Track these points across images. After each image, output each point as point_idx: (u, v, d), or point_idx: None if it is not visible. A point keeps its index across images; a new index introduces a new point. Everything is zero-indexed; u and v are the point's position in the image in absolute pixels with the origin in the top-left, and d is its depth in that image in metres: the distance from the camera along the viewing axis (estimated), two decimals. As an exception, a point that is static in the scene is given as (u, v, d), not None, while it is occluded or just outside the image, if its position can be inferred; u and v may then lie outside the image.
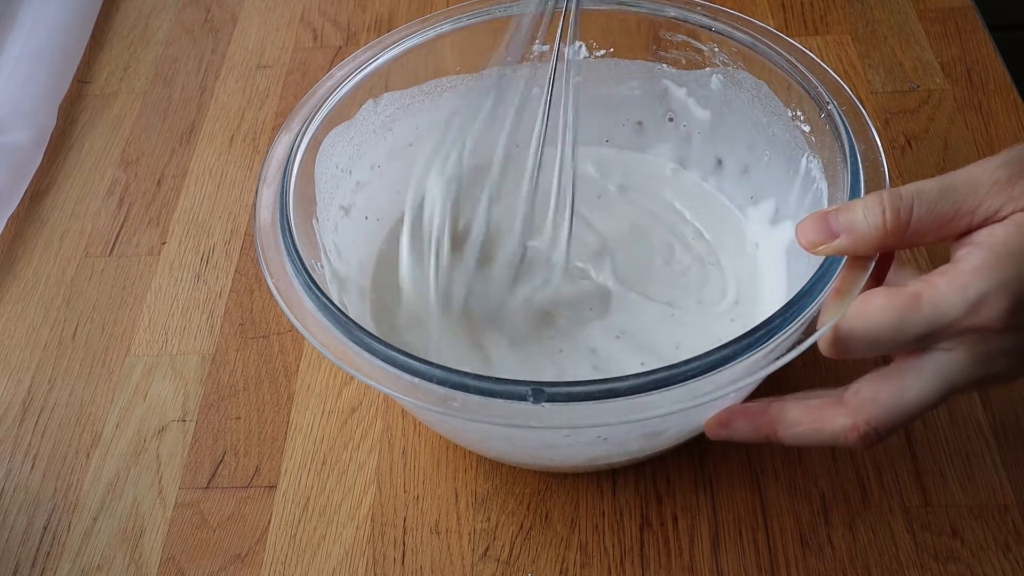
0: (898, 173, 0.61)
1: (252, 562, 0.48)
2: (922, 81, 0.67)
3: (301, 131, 0.49)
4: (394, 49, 0.52)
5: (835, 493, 0.48)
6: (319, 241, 0.49)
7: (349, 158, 0.53)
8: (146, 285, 0.60)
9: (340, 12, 0.78)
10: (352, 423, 0.53)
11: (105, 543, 0.49)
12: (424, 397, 0.38)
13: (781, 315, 0.38)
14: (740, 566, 0.46)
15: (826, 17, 0.72)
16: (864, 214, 0.38)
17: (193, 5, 0.80)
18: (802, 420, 0.39)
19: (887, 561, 0.45)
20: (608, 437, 0.44)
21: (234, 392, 0.55)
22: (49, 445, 0.53)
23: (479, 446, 0.49)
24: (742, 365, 0.37)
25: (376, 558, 0.48)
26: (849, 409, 0.38)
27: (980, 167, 0.37)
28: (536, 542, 0.47)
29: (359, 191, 0.54)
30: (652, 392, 0.37)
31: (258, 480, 0.51)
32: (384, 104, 0.54)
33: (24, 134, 0.67)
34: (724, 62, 0.52)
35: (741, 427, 0.41)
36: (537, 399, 0.37)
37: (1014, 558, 0.45)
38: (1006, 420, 0.49)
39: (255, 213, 0.46)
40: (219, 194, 0.65)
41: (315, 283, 0.42)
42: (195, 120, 0.71)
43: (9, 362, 0.57)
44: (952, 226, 0.37)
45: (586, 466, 0.49)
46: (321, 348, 0.40)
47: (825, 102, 0.46)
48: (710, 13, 0.52)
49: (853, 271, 0.39)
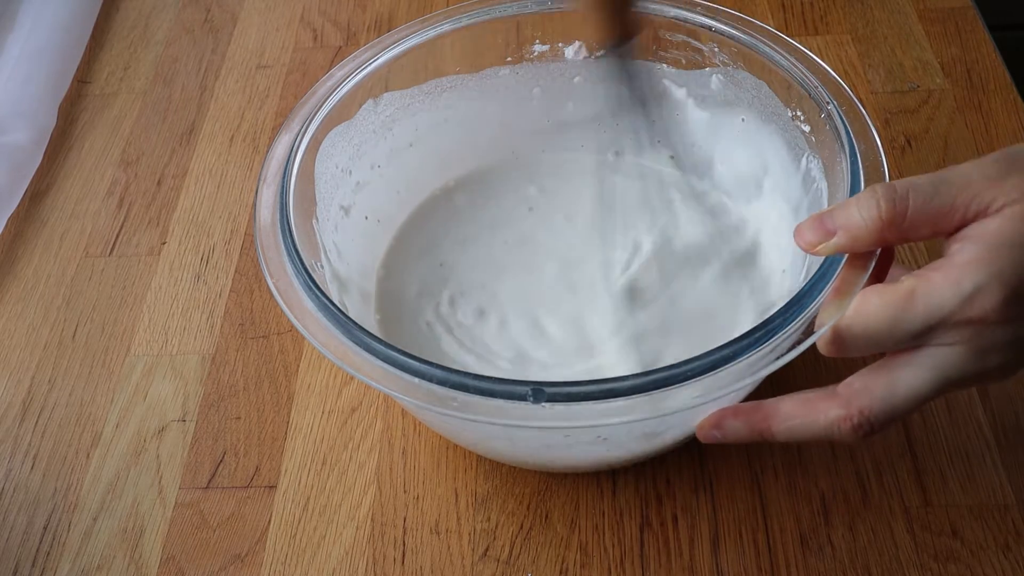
0: (898, 173, 0.61)
1: (252, 562, 0.48)
2: (922, 81, 0.67)
3: (301, 131, 0.49)
4: (394, 49, 0.53)
5: (835, 493, 0.48)
6: (319, 241, 0.49)
7: (349, 158, 0.53)
8: (146, 285, 0.60)
9: (340, 12, 0.78)
10: (352, 423, 0.53)
11: (105, 543, 0.49)
12: (424, 397, 0.38)
13: (781, 315, 0.38)
14: (740, 566, 0.46)
15: (826, 17, 0.72)
16: (858, 210, 0.38)
17: (193, 5, 0.80)
18: (795, 413, 0.39)
19: (887, 561, 0.45)
20: (608, 437, 0.44)
21: (234, 392, 0.55)
22: (49, 445, 0.53)
23: (480, 447, 0.49)
24: (742, 365, 0.37)
25: (376, 558, 0.48)
26: (842, 400, 0.38)
27: (972, 164, 0.37)
28: (536, 542, 0.47)
29: (359, 191, 0.54)
30: (652, 392, 0.37)
31: (258, 480, 0.51)
32: (384, 104, 0.54)
33: (24, 134, 0.67)
34: (724, 62, 0.52)
35: (734, 427, 0.41)
36: (537, 399, 0.37)
37: (1014, 558, 0.45)
38: (1006, 420, 0.49)
39: (255, 213, 0.46)
40: (219, 194, 0.65)
41: (315, 283, 0.42)
42: (195, 120, 0.71)
43: (9, 362, 0.57)
44: (946, 221, 0.37)
45: (586, 466, 0.49)
46: (321, 348, 0.40)
47: (825, 102, 0.46)
48: (710, 13, 0.52)
49: (853, 270, 0.39)
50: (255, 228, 0.45)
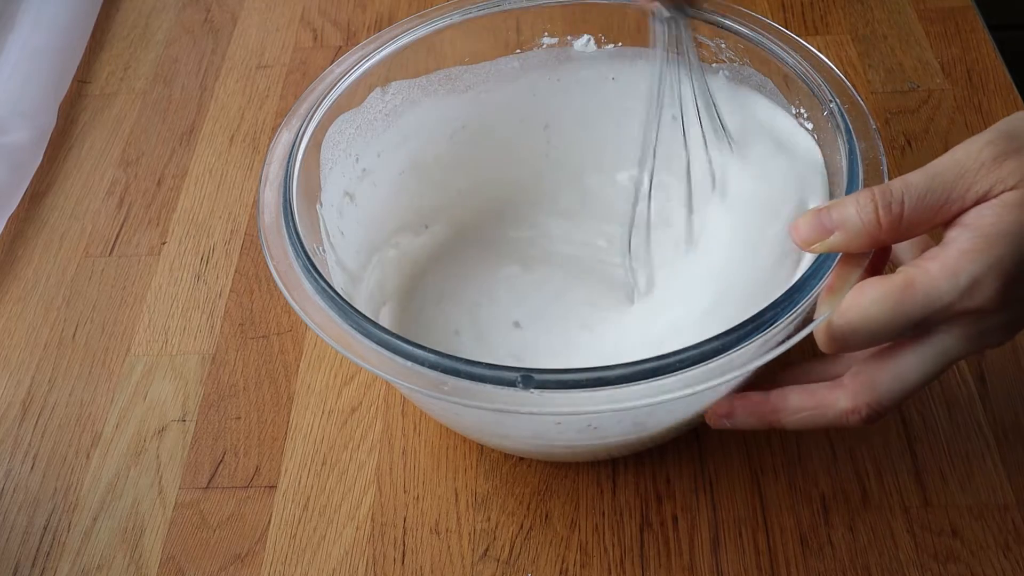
0: (898, 173, 0.60)
1: (252, 562, 0.48)
2: (922, 81, 0.67)
3: (308, 115, 0.49)
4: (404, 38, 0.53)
5: (835, 493, 0.48)
6: (322, 226, 0.49)
7: (355, 145, 0.53)
8: (146, 285, 0.60)
9: (340, 12, 0.78)
10: (352, 423, 0.53)
11: (105, 543, 0.49)
12: (417, 381, 0.39)
13: (772, 309, 0.38)
14: (740, 566, 0.46)
15: (826, 17, 0.72)
16: (857, 211, 0.38)
17: (193, 5, 0.80)
18: (804, 406, 0.40)
19: (887, 561, 0.45)
20: (599, 426, 0.44)
21: (234, 392, 0.55)
22: (49, 445, 0.53)
23: (476, 434, 0.49)
24: (732, 357, 0.37)
25: (376, 558, 0.48)
26: (849, 393, 0.39)
27: (965, 149, 0.37)
28: (536, 542, 0.47)
29: (364, 178, 0.54)
30: (642, 382, 0.37)
31: (258, 480, 0.51)
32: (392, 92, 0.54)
33: (24, 134, 0.67)
34: (730, 58, 0.52)
35: (743, 417, 0.42)
36: (527, 385, 0.37)
37: (1014, 558, 0.45)
38: (1006, 420, 0.49)
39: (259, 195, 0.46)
40: (219, 194, 0.65)
41: (315, 266, 0.42)
42: (195, 120, 0.71)
43: (9, 362, 0.57)
44: (944, 213, 0.37)
45: (582, 454, 0.49)
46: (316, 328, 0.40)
47: (828, 100, 0.46)
48: (717, 10, 0.52)
49: (847, 267, 0.39)
50: (259, 208, 0.45)
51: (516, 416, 0.41)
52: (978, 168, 0.36)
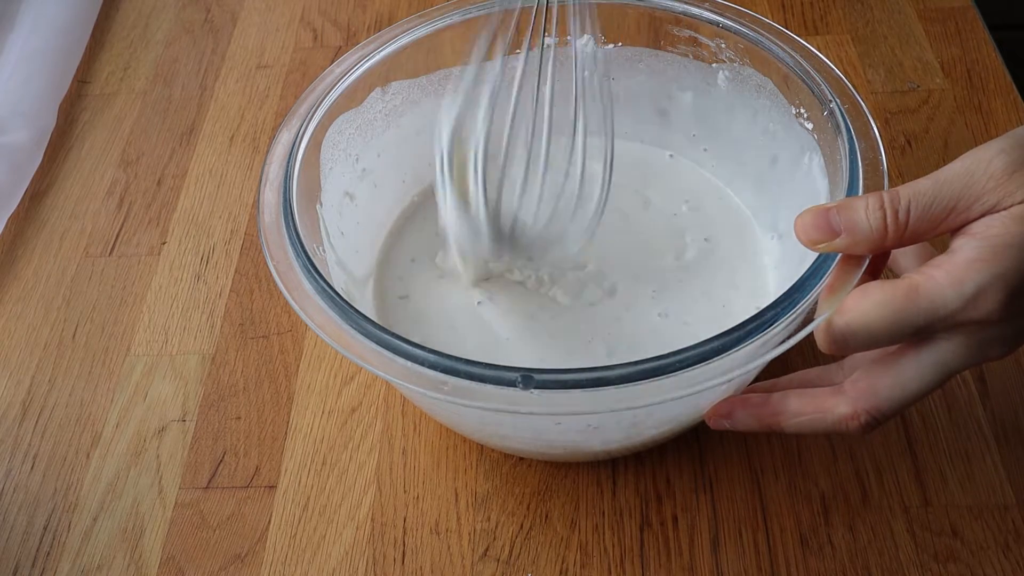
0: (898, 173, 0.61)
1: (252, 562, 0.48)
2: (922, 81, 0.67)
3: (308, 115, 0.49)
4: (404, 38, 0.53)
5: (835, 493, 0.48)
6: (322, 226, 0.49)
7: (355, 145, 0.53)
8: (146, 285, 0.60)
9: (340, 12, 0.78)
10: (352, 423, 0.53)
11: (105, 543, 0.49)
12: (417, 381, 0.39)
13: (772, 309, 0.38)
14: (740, 566, 0.46)
15: (826, 17, 0.72)
16: (866, 215, 0.38)
17: (193, 5, 0.80)
18: (804, 410, 0.40)
19: (887, 561, 0.45)
20: (599, 425, 0.44)
21: (234, 392, 0.55)
22: (49, 445, 0.53)
23: (477, 434, 0.49)
24: (732, 357, 0.37)
25: (376, 558, 0.48)
26: (848, 399, 0.39)
27: (975, 157, 0.37)
28: (536, 542, 0.47)
29: (364, 178, 0.54)
30: (641, 382, 0.37)
31: (258, 480, 0.51)
32: (392, 92, 0.54)
33: (24, 134, 0.67)
34: (730, 58, 0.52)
35: (743, 418, 0.42)
36: (527, 385, 0.37)
37: (1014, 558, 0.45)
38: (1006, 420, 0.49)
39: (259, 195, 0.46)
40: (219, 194, 0.65)
41: (314, 266, 0.42)
42: (195, 120, 0.71)
43: (9, 362, 0.57)
44: (949, 222, 0.37)
45: (584, 454, 0.49)
46: (316, 328, 0.40)
47: (828, 100, 0.46)
48: (716, 9, 0.52)
49: (848, 268, 0.39)
50: (259, 207, 0.45)
51: (516, 416, 0.41)
52: (987, 180, 0.36)
